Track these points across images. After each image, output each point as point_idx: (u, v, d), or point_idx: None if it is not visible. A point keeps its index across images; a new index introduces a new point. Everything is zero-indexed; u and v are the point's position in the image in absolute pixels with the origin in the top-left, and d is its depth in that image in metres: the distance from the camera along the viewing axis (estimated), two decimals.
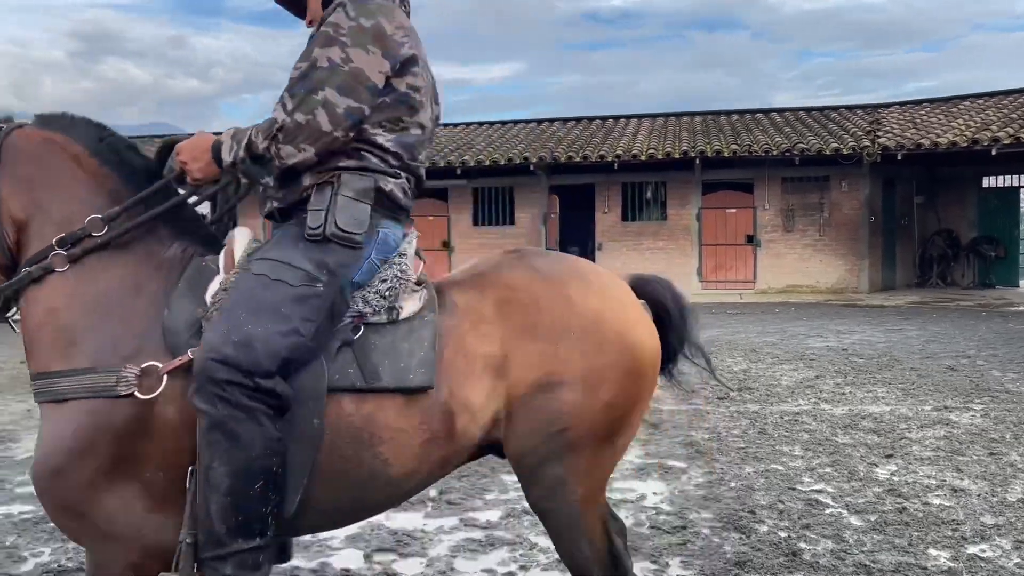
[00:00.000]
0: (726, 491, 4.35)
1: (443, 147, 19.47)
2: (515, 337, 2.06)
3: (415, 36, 2.14)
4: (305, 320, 1.93)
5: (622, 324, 2.14)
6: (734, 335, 10.90)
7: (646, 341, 2.20)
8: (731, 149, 17.01)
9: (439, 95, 2.31)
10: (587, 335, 2.08)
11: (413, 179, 2.21)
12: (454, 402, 2.00)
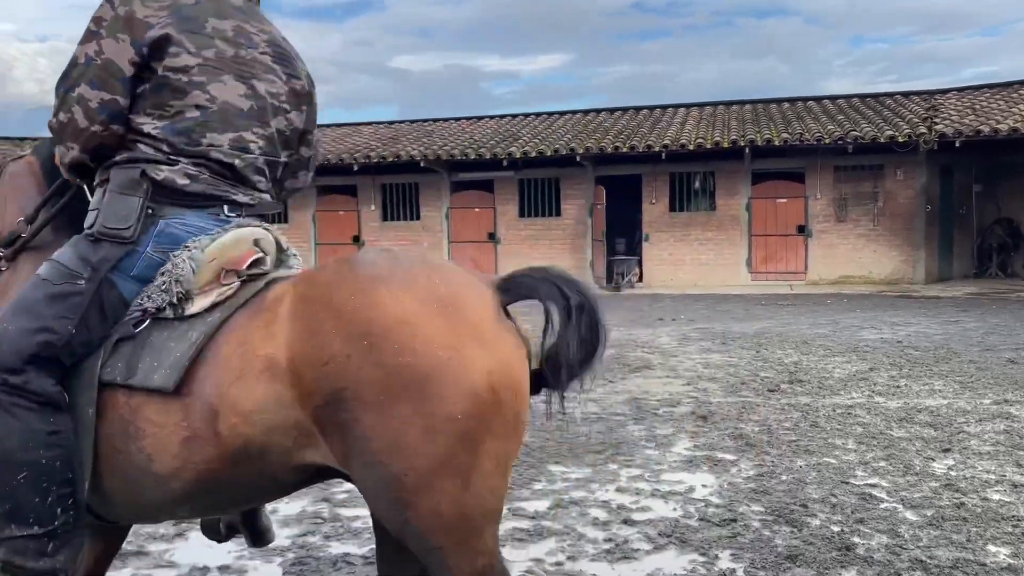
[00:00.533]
0: (777, 484, 4.29)
1: (489, 139, 19.50)
2: (302, 340, 1.79)
3: (192, 18, 2.05)
4: (60, 317, 1.93)
5: (435, 335, 1.74)
6: (785, 327, 10.73)
7: (472, 358, 1.76)
8: (782, 138, 16.70)
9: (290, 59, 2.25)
10: (385, 344, 1.72)
11: (205, 162, 2.07)
12: (221, 403, 1.83)
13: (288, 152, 2.31)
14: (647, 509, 3.98)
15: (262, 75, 2.17)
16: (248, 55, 2.14)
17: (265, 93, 2.16)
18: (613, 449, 5.02)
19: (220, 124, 2.08)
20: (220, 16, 2.11)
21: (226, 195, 2.11)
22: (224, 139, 2.09)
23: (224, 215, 2.10)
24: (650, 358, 8.39)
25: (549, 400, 2.10)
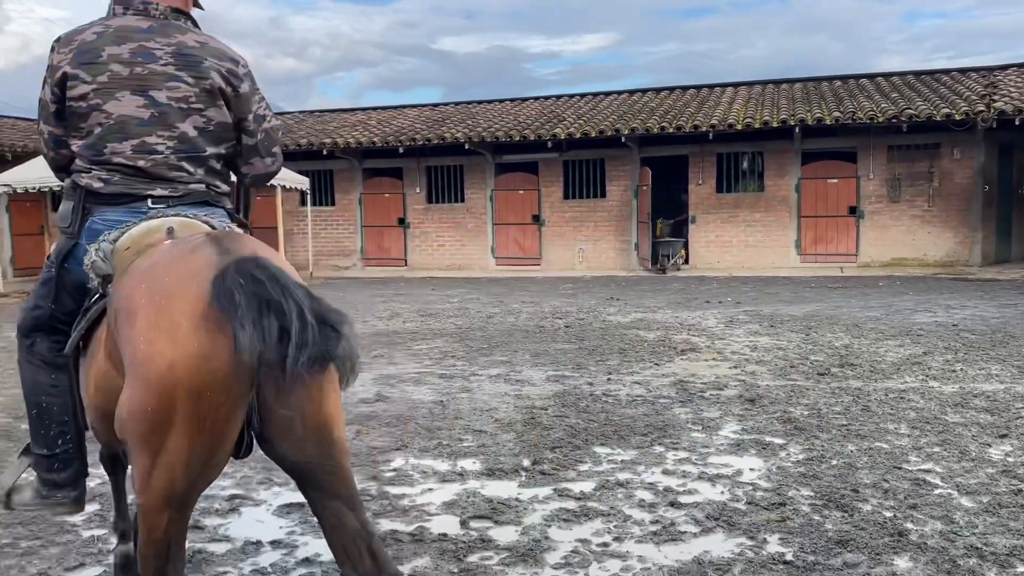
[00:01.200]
0: (827, 468, 4.23)
1: (533, 121, 19.41)
2: (113, 314, 2.14)
3: (90, 52, 2.43)
4: (43, 296, 2.55)
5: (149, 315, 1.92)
6: (835, 310, 10.54)
7: (161, 352, 1.85)
8: (833, 116, 16.32)
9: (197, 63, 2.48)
10: (125, 331, 1.97)
11: (113, 167, 2.45)
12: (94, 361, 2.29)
13: (225, 144, 2.60)
14: (694, 492, 3.96)
15: (162, 84, 2.45)
16: (145, 71, 2.44)
17: (167, 100, 2.45)
18: (659, 432, 5.00)
19: (119, 134, 2.44)
20: (119, 43, 2.45)
21: (142, 192, 2.45)
22: (125, 146, 2.44)
23: (148, 207, 2.44)
24: (696, 341, 8.31)
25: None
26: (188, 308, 1.88)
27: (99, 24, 2.50)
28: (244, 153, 2.66)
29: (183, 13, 2.59)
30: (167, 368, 1.84)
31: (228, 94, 2.55)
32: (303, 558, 3.33)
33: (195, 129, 2.49)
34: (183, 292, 1.91)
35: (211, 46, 2.55)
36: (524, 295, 13.31)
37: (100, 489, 4.21)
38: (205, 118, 2.51)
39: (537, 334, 9.03)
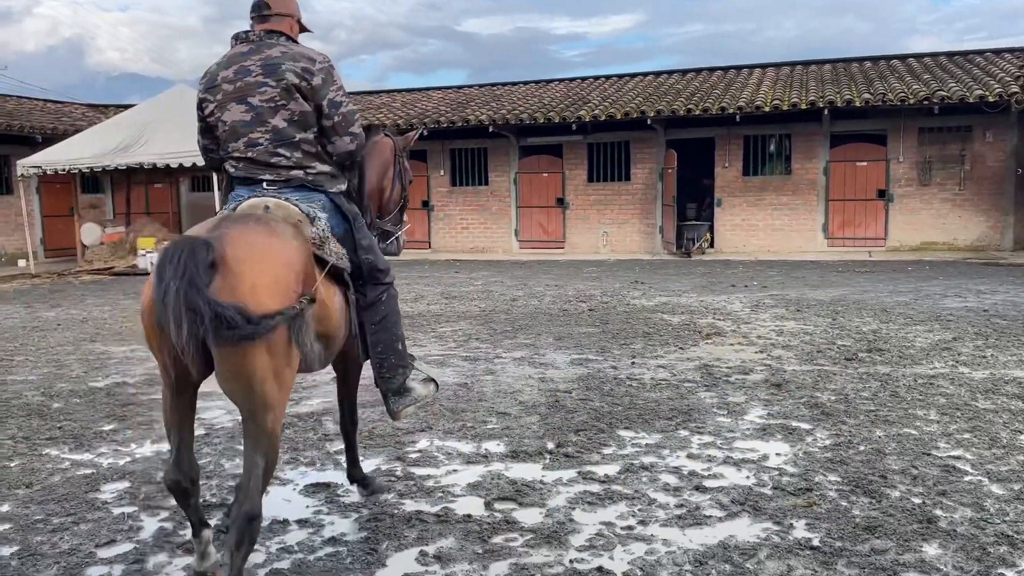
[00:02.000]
0: (854, 454, 4.19)
1: (558, 103, 19.29)
2: None
3: (211, 79, 3.19)
4: None
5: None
6: (863, 294, 10.41)
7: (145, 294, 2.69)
8: (863, 98, 16.05)
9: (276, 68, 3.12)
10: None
11: (236, 160, 3.19)
12: None
13: (311, 128, 3.18)
14: (719, 476, 3.94)
15: (255, 90, 3.11)
16: (243, 83, 3.12)
17: (259, 103, 3.11)
18: (684, 416, 4.98)
19: (233, 135, 3.16)
20: (227, 67, 3.16)
21: (257, 176, 3.16)
22: (239, 144, 3.15)
23: (263, 188, 3.14)
24: (722, 325, 8.25)
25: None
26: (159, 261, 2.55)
27: (220, 57, 3.25)
28: (325, 133, 3.21)
29: (276, 32, 3.23)
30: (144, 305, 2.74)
31: (303, 88, 3.12)
32: (329, 537, 3.35)
33: (284, 121, 3.12)
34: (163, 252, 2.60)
35: (292, 52, 3.16)
36: (548, 278, 13.28)
37: (130, 468, 4.28)
38: (289, 111, 3.12)
39: (561, 317, 9.02)
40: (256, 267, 2.55)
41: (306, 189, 3.16)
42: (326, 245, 3.05)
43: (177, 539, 3.37)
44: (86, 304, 11.25)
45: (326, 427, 4.94)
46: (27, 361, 7.20)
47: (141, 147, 15.74)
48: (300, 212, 3.05)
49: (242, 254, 2.54)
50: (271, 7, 3.25)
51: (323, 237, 3.06)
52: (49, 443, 4.73)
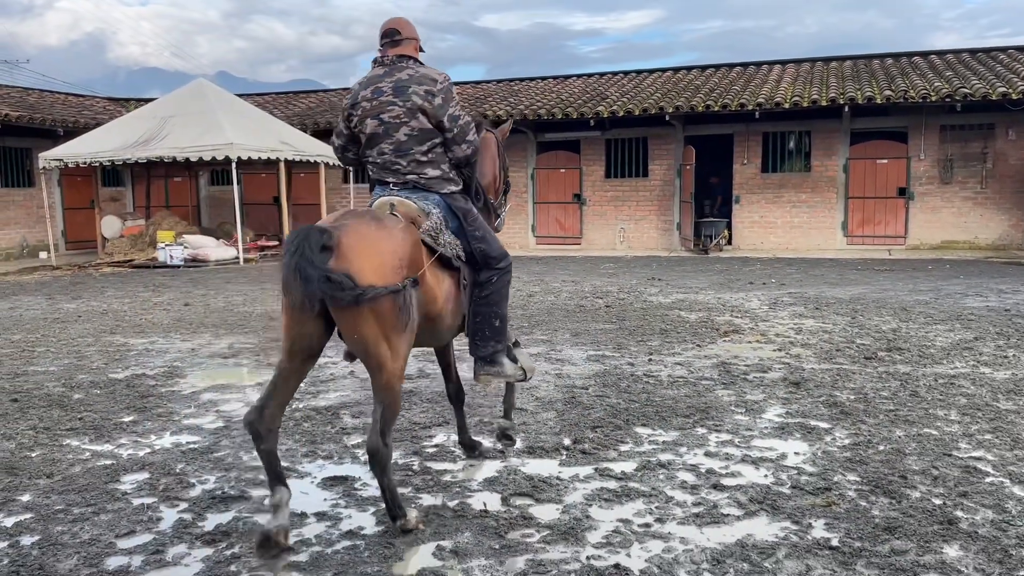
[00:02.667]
0: (873, 454, 4.16)
1: (576, 98, 19.24)
2: None
3: (354, 96, 3.80)
4: None
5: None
6: (882, 293, 10.32)
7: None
8: (884, 95, 15.90)
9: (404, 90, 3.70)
10: None
11: (371, 165, 3.83)
12: None
13: (429, 143, 3.73)
14: (737, 475, 3.92)
15: (386, 109, 3.71)
16: (377, 101, 3.72)
17: (388, 119, 3.70)
18: (701, 413, 4.96)
19: (369, 145, 3.79)
20: (366, 87, 3.77)
21: (384, 178, 3.78)
22: (374, 152, 3.78)
23: (390, 188, 3.74)
24: (739, 322, 8.21)
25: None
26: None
27: (362, 78, 3.85)
28: (447, 144, 3.78)
29: (406, 57, 3.81)
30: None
31: (427, 108, 3.68)
32: (347, 531, 3.36)
33: (404, 136, 3.70)
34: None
35: (418, 75, 3.73)
36: (564, 274, 13.26)
37: (150, 459, 4.31)
38: (410, 128, 3.69)
39: (578, 313, 9.00)
40: (364, 252, 3.11)
41: (421, 190, 3.73)
42: (440, 236, 3.62)
43: (196, 530, 3.39)
44: (106, 296, 11.35)
45: (344, 421, 4.96)
46: (48, 352, 7.27)
47: (161, 141, 15.86)
48: (418, 208, 3.65)
49: (353, 242, 3.11)
50: (400, 33, 3.84)
51: (437, 229, 3.62)
52: (70, 434, 4.77)
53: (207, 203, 22.05)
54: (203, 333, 8.15)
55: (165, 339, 7.86)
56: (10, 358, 7.03)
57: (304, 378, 3.39)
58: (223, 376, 6.28)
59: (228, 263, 16.16)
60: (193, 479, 3.99)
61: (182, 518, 3.51)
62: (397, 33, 3.84)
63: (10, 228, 18.18)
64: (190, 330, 8.35)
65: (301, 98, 24.84)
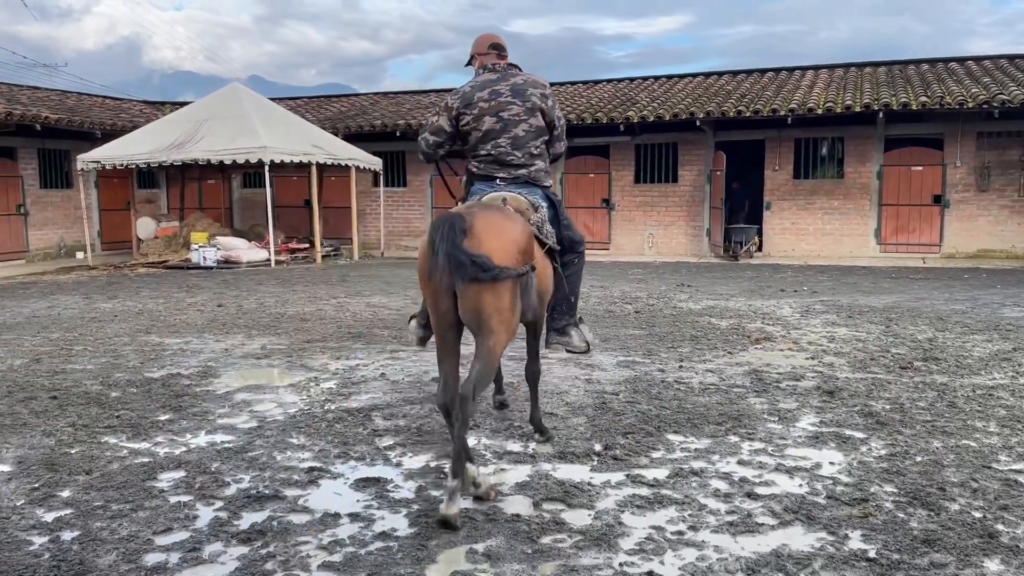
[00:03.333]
0: (911, 465, 4.10)
1: (606, 103, 19.20)
2: None
3: (467, 98, 4.36)
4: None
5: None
6: (917, 302, 10.17)
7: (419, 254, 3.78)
8: (920, 101, 15.68)
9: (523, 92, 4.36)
10: None
11: (481, 159, 4.36)
12: None
13: (540, 139, 4.38)
14: (771, 483, 3.88)
15: (506, 107, 4.30)
16: (496, 102, 4.31)
17: (508, 117, 4.29)
18: (734, 421, 4.92)
19: (483, 140, 4.34)
20: (481, 90, 4.35)
21: (493, 173, 4.33)
22: (487, 146, 4.32)
23: (496, 183, 4.30)
24: (771, 330, 8.14)
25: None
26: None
27: (471, 82, 4.41)
28: (552, 141, 4.49)
29: (513, 65, 4.48)
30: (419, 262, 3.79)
31: (543, 108, 4.36)
32: (380, 532, 3.38)
33: (522, 131, 4.30)
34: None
35: (531, 80, 4.39)
36: (592, 279, 13.23)
37: (186, 457, 4.37)
38: (528, 124, 4.32)
39: (607, 319, 8.97)
40: (492, 237, 3.56)
41: (528, 185, 4.29)
42: (543, 227, 4.14)
43: (232, 529, 3.43)
44: (141, 296, 11.52)
45: (375, 423, 4.99)
46: (86, 351, 7.40)
47: (196, 144, 16.08)
48: (528, 203, 4.16)
49: (484, 228, 3.56)
50: (504, 48, 4.55)
51: (542, 221, 4.15)
52: (108, 431, 4.85)
53: (239, 205, 22.31)
54: (236, 334, 8.24)
55: (199, 339, 7.96)
56: (49, 356, 7.16)
57: (459, 349, 3.85)
58: (256, 377, 6.34)
59: (259, 265, 16.33)
60: (228, 478, 4.04)
61: (218, 516, 3.55)
62: (504, 48, 4.54)
63: (48, 228, 18.52)
64: (223, 331, 8.45)
65: (333, 102, 25.04)
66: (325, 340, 7.75)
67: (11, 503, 3.74)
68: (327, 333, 8.09)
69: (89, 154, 16.64)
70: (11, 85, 20.79)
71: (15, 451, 4.50)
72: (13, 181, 17.62)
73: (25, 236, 17.90)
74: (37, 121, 16.74)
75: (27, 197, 17.91)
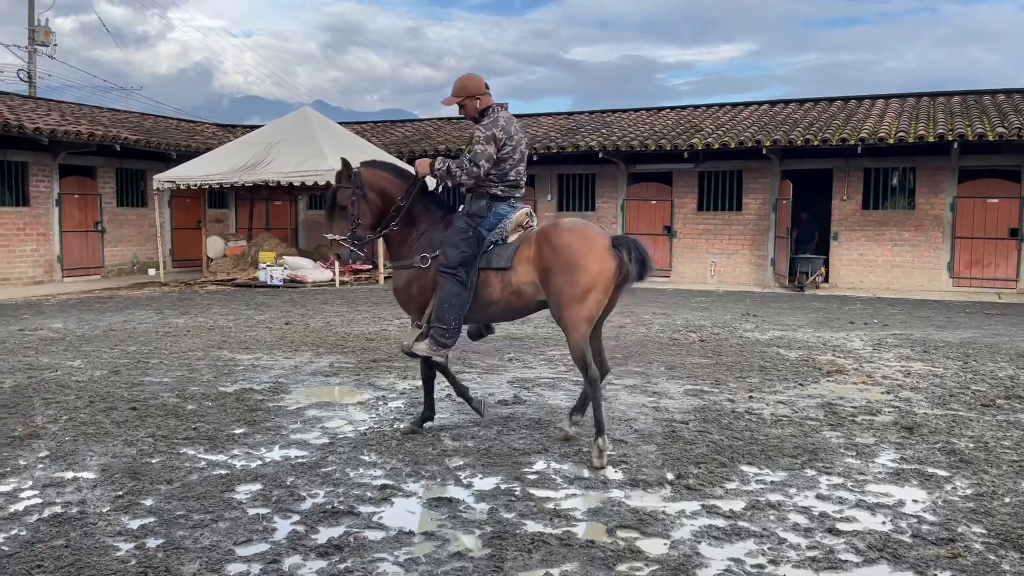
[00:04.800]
0: (999, 506, 3.94)
1: (669, 130, 19.14)
2: (538, 250, 4.81)
3: (509, 129, 5.00)
4: (468, 245, 4.91)
5: (583, 252, 4.70)
6: (995, 338, 9.82)
7: (592, 261, 4.71)
8: (996, 132, 15.24)
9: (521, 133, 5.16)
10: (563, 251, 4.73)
11: (509, 184, 5.07)
12: (516, 273, 4.87)
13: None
14: (852, 520, 3.77)
15: (523, 142, 5.12)
16: (520, 135, 5.12)
17: (523, 149, 5.10)
18: (809, 454, 4.80)
19: (512, 166, 5.04)
20: (512, 123, 5.05)
21: (512, 195, 5.10)
22: (513, 172, 5.06)
23: (512, 202, 5.09)
24: (843, 363, 7.94)
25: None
26: (603, 244, 4.74)
27: (503, 117, 5.00)
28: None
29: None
30: (597, 268, 4.67)
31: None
32: (455, 552, 3.39)
33: (524, 162, 5.15)
34: (598, 239, 4.78)
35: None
36: (654, 306, 13.12)
37: (262, 471, 4.45)
38: (525, 155, 5.16)
39: (671, 347, 8.88)
40: None
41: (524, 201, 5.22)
42: None
43: (309, 542, 3.47)
44: (212, 313, 11.82)
45: (444, 443, 5.01)
46: (161, 364, 7.61)
47: (267, 166, 16.51)
48: (534, 217, 5.23)
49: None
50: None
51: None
52: (186, 443, 4.97)
53: (305, 226, 22.79)
54: (304, 351, 8.39)
55: (269, 356, 8.12)
56: (127, 368, 7.38)
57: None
58: (325, 394, 6.44)
59: (324, 285, 16.63)
60: (303, 492, 4.10)
61: (295, 530, 3.60)
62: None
63: (123, 245, 19.17)
64: (292, 348, 8.61)
65: (397, 127, 25.49)
66: (391, 360, 7.83)
67: (97, 509, 3.86)
68: (392, 353, 8.18)
69: (164, 174, 17.22)
70: (93, 107, 21.68)
71: (99, 459, 4.64)
72: (92, 199, 18.33)
73: (102, 252, 18.56)
74: (117, 142, 17.41)
75: (104, 214, 18.59)
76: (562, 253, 4.66)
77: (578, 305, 4.62)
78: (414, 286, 5.06)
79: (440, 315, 4.87)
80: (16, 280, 16.39)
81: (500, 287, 4.89)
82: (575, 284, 4.61)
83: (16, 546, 3.42)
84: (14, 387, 6.54)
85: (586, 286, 4.61)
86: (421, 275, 5.02)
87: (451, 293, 4.85)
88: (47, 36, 28.28)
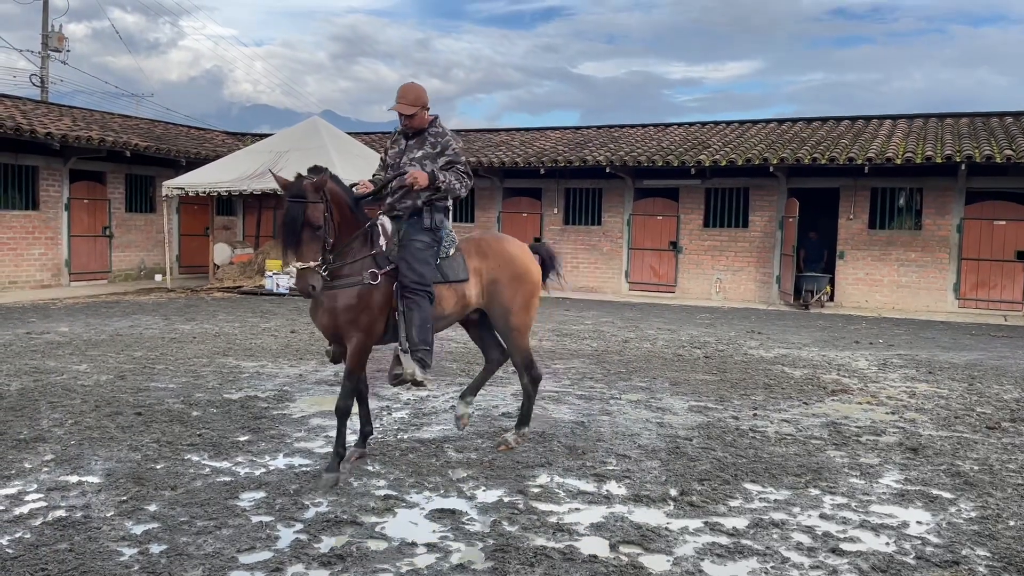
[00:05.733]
0: (1004, 529, 3.93)
1: (677, 146, 19.18)
2: (481, 262, 5.05)
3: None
4: (434, 260, 4.85)
5: (528, 262, 5.18)
6: (1001, 360, 9.79)
7: (533, 269, 5.21)
8: (1004, 155, 15.24)
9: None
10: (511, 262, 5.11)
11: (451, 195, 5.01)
12: (467, 286, 4.97)
13: None
14: (856, 540, 3.77)
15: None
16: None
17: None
18: (813, 473, 4.79)
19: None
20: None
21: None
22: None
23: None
24: (847, 382, 7.93)
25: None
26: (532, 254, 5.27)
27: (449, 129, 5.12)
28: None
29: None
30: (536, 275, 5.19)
31: None
32: (457, 564, 3.39)
33: None
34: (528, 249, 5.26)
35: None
36: (659, 321, 13.12)
37: (265, 478, 4.45)
38: None
39: (676, 362, 8.88)
40: None
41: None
42: None
43: (312, 551, 3.47)
44: (217, 320, 11.85)
45: (448, 455, 5.01)
46: (167, 370, 7.63)
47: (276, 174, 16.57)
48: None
49: None
50: None
51: None
52: (190, 449, 4.98)
53: None
54: (309, 360, 8.40)
55: (274, 364, 8.14)
56: (132, 373, 7.41)
57: None
58: (330, 403, 6.44)
59: None
60: (307, 500, 4.10)
61: (299, 538, 3.61)
62: None
63: (131, 250, 19.25)
64: (297, 356, 8.63)
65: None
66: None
67: (101, 514, 3.87)
68: None
69: (174, 181, 17.31)
70: (103, 113, 21.82)
71: (103, 463, 4.66)
72: (101, 204, 18.42)
73: (109, 257, 18.63)
74: (128, 148, 17.51)
75: (113, 220, 18.68)
76: (511, 264, 5.03)
77: (525, 312, 5.08)
78: (362, 304, 4.50)
79: (424, 335, 4.64)
80: (24, 283, 16.46)
81: (454, 300, 4.87)
82: (525, 293, 5.05)
83: (20, 549, 3.44)
84: (20, 390, 6.56)
85: (533, 293, 5.11)
86: (370, 292, 4.52)
87: (428, 311, 4.67)
88: (60, 42, 28.51)
